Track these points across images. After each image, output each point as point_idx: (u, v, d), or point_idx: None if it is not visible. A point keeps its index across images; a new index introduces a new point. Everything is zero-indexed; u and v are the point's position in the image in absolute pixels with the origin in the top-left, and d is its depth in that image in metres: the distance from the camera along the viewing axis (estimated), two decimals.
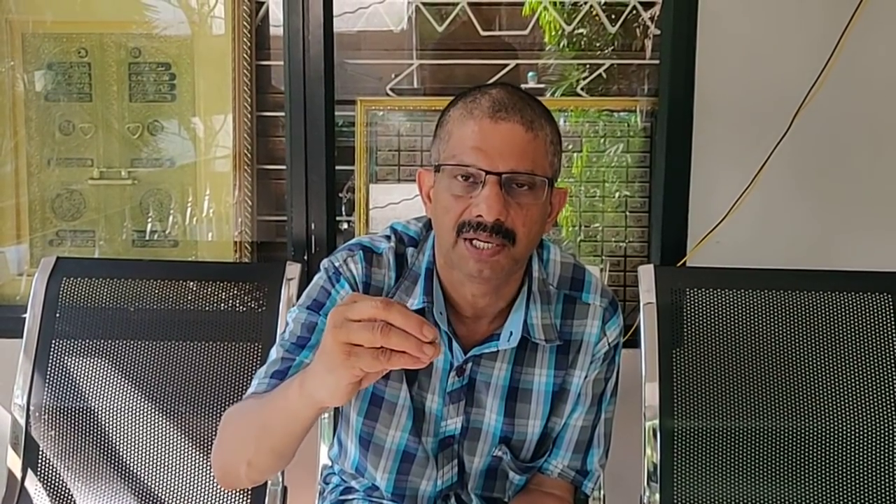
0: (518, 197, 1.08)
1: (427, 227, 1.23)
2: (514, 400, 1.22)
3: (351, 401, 1.23)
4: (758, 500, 1.55)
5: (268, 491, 1.56)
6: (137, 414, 1.60)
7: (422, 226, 1.24)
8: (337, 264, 1.20)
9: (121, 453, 1.59)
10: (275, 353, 1.18)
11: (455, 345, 1.18)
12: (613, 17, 1.99)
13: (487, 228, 1.06)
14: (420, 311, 1.16)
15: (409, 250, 1.21)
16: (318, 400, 0.91)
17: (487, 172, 1.05)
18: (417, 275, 1.18)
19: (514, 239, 1.08)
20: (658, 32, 1.93)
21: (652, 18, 1.96)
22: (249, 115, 1.98)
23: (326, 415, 1.58)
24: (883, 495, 1.53)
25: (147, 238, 2.03)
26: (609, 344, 1.24)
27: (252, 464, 1.06)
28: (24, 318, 1.64)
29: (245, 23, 1.95)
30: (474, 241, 1.07)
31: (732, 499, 1.55)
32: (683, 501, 1.54)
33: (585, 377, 1.24)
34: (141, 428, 1.60)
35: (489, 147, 1.06)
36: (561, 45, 2.02)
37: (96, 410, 1.60)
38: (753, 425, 1.56)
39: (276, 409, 1.00)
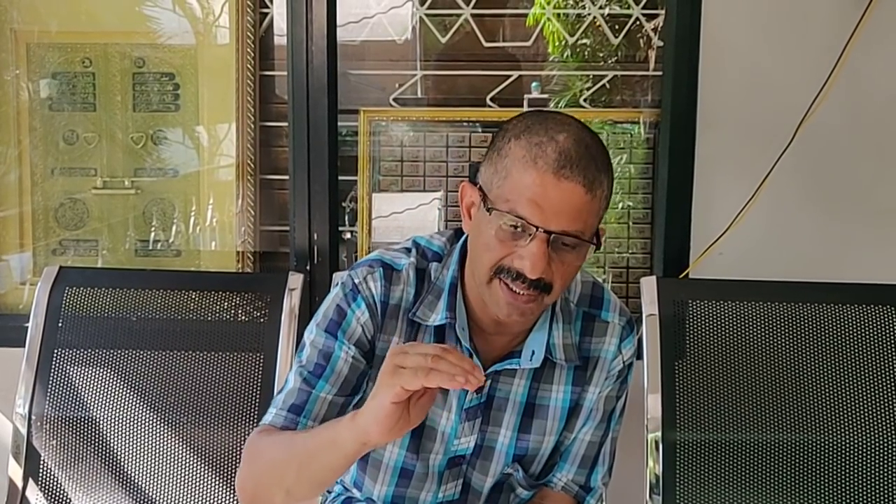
0: (562, 254, 1.06)
1: (451, 241, 1.22)
2: (531, 416, 1.22)
3: None
4: None
5: None
6: (139, 424, 1.60)
7: (445, 240, 1.22)
8: (356, 281, 1.18)
9: (122, 463, 1.59)
10: (292, 380, 1.16)
11: (476, 361, 1.17)
12: (617, 28, 1.99)
13: (527, 281, 1.05)
14: (442, 327, 1.16)
15: (433, 265, 1.19)
16: (364, 430, 0.96)
17: (538, 228, 1.03)
18: (441, 290, 1.17)
19: (550, 290, 1.07)
20: (661, 43, 1.94)
21: (655, 30, 1.97)
22: (253, 125, 1.98)
23: None
24: None
25: (150, 248, 2.03)
26: (624, 362, 1.24)
27: (291, 492, 1.07)
28: (27, 327, 1.64)
29: (249, 33, 1.96)
30: (510, 286, 1.06)
31: None
32: None
33: (599, 393, 1.24)
34: (143, 438, 1.60)
35: (547, 205, 1.03)
36: (564, 55, 2.02)
37: (98, 420, 1.60)
38: (756, 437, 1.56)
39: (323, 440, 1.04)
